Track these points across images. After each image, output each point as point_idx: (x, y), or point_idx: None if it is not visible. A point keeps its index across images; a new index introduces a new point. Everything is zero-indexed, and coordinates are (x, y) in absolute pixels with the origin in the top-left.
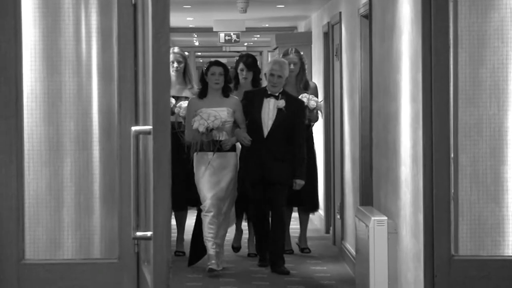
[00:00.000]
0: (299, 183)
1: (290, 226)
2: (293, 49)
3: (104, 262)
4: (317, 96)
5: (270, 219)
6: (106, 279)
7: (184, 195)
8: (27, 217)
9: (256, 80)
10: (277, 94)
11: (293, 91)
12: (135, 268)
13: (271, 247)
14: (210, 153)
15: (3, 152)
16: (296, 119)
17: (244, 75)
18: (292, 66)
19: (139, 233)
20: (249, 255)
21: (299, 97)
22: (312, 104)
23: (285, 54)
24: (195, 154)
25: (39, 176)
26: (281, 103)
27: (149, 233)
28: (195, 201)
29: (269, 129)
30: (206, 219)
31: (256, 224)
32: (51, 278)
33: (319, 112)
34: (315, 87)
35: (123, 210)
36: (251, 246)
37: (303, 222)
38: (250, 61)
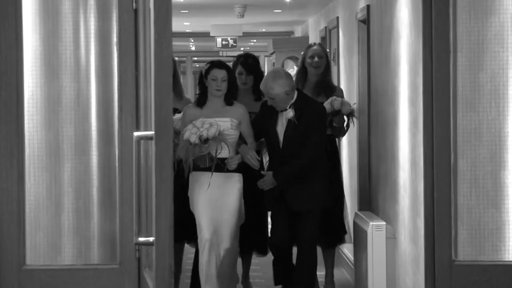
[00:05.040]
0: (267, 178)
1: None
2: (317, 43)
3: (105, 268)
4: None
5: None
6: (107, 285)
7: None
8: (27, 222)
9: (258, 86)
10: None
11: (312, 93)
12: (136, 273)
13: None
14: (207, 173)
15: (4, 157)
16: (308, 129)
17: (244, 80)
18: (316, 59)
19: (141, 239)
20: None
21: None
22: (337, 105)
23: (309, 47)
24: (190, 174)
25: (39, 181)
26: (289, 113)
27: (151, 239)
28: (191, 235)
29: (281, 146)
30: (205, 252)
31: (278, 265)
32: (52, 284)
33: (352, 119)
34: (341, 91)
35: (124, 216)
36: (245, 283)
37: (329, 259)
38: (250, 62)
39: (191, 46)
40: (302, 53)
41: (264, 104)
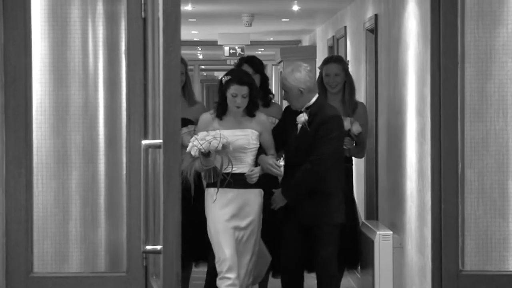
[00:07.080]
0: (277, 197)
1: None
2: (334, 56)
3: (112, 276)
4: (366, 122)
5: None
6: None
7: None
8: (35, 230)
9: (265, 90)
10: (302, 110)
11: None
12: (144, 281)
13: None
14: (213, 189)
15: (12, 165)
16: (317, 137)
17: None
18: (331, 77)
19: (149, 247)
20: None
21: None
22: (357, 129)
23: (324, 63)
24: (206, 189)
25: (47, 189)
26: (301, 118)
27: (159, 247)
28: (201, 255)
29: (291, 154)
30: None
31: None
32: None
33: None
34: (364, 109)
35: (131, 223)
36: None
37: None
38: (256, 61)
39: (198, 54)
40: (319, 67)
41: (287, 108)
